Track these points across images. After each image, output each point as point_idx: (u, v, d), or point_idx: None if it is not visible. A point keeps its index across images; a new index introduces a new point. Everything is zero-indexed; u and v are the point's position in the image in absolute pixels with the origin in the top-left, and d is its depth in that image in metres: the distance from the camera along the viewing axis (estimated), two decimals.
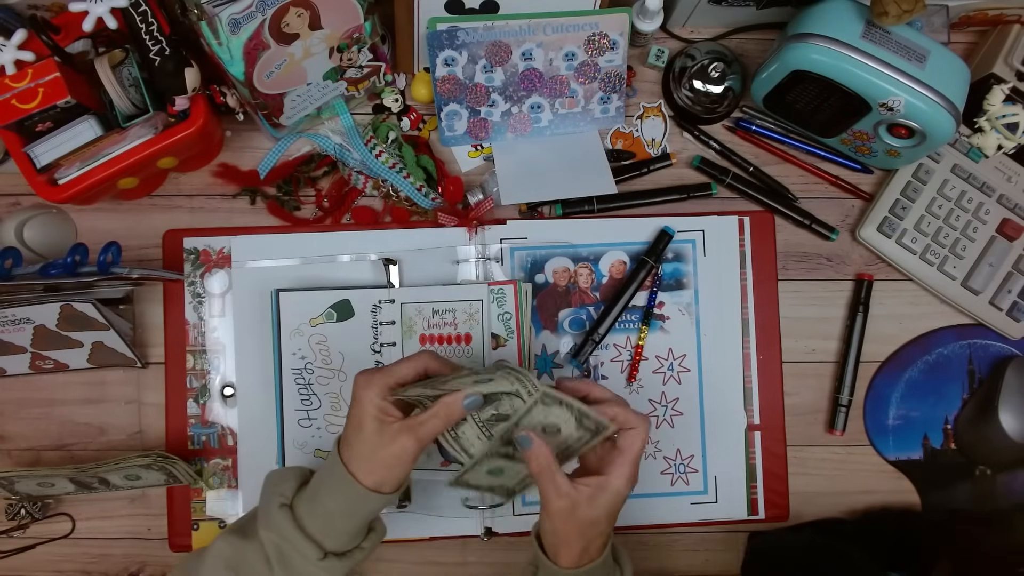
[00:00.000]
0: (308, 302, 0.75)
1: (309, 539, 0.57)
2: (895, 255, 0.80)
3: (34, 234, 0.75)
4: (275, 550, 0.57)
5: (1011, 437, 0.78)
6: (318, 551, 0.57)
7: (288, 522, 0.57)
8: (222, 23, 0.62)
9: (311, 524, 0.57)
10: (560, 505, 0.56)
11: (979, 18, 0.79)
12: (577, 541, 0.57)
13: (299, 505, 0.58)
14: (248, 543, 0.58)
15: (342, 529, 0.58)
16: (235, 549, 0.58)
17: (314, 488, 0.59)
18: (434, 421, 0.56)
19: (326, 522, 0.57)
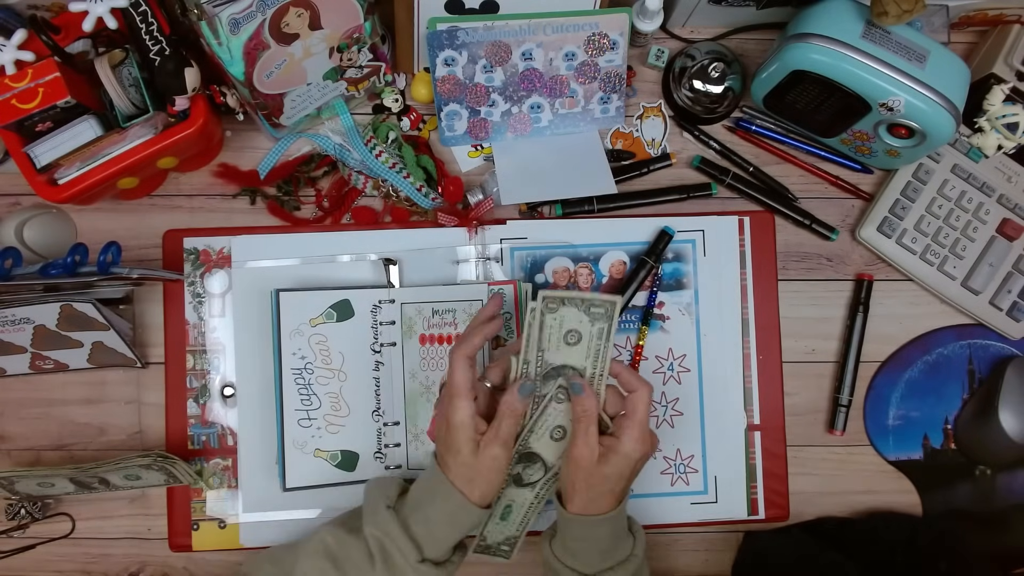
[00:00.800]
0: (308, 302, 0.75)
1: (411, 540, 0.60)
2: (895, 255, 0.80)
3: (34, 234, 0.75)
4: (378, 546, 0.61)
5: (1011, 437, 0.78)
6: (418, 553, 0.60)
7: (394, 522, 0.61)
8: (222, 23, 0.62)
9: (415, 528, 0.61)
10: (580, 453, 0.60)
11: (979, 18, 0.79)
12: (584, 491, 0.61)
13: (403, 509, 0.62)
14: (352, 538, 0.62)
15: (442, 538, 0.61)
16: (339, 542, 0.62)
17: (416, 498, 0.62)
18: (506, 423, 0.60)
19: (428, 529, 0.61)
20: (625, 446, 0.60)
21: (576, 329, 0.62)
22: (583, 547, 0.63)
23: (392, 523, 0.61)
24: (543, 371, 0.63)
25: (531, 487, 0.66)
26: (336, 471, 0.74)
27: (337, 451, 0.74)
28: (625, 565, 0.63)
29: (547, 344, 0.62)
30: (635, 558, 0.64)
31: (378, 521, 0.61)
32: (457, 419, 0.60)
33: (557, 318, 0.62)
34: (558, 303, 0.61)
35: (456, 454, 0.60)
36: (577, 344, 0.62)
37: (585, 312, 0.61)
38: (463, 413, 0.60)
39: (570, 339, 0.62)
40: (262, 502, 0.75)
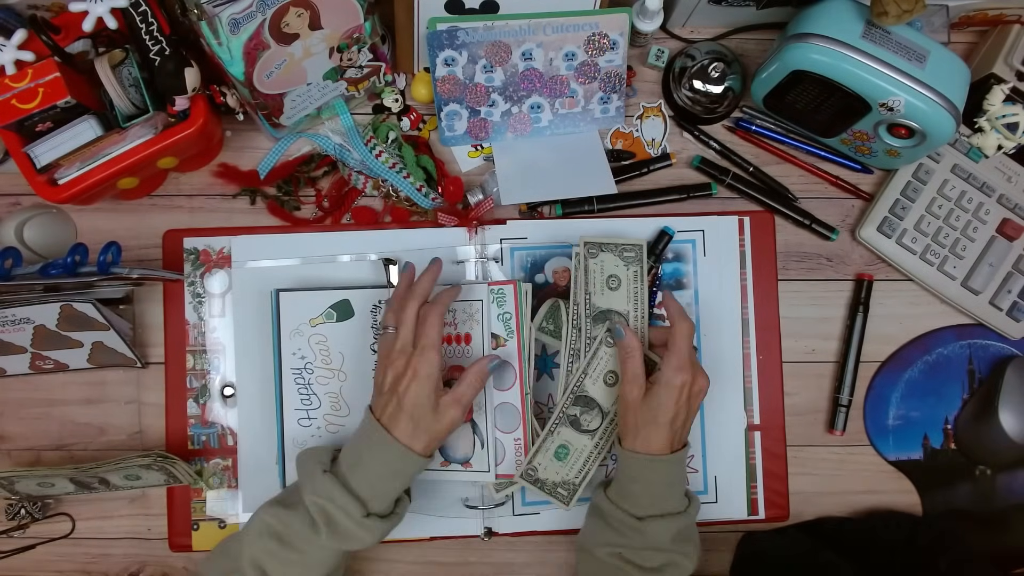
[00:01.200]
0: (308, 302, 0.75)
1: (355, 497, 0.61)
2: (895, 255, 0.80)
3: (34, 234, 0.75)
4: (320, 512, 0.61)
5: (1011, 437, 0.78)
6: (362, 509, 0.61)
7: (334, 484, 0.61)
8: (222, 23, 0.62)
9: (357, 485, 0.62)
10: (627, 389, 0.66)
11: (979, 18, 0.79)
12: (634, 426, 0.65)
13: (339, 471, 0.63)
14: (291, 512, 0.62)
15: (385, 491, 0.62)
16: (279, 519, 0.62)
17: (354, 456, 0.63)
18: (471, 390, 0.65)
19: (371, 484, 0.62)
20: (664, 374, 0.64)
21: (615, 274, 0.71)
22: (636, 488, 0.65)
23: (333, 485, 0.61)
24: (592, 313, 0.71)
25: (590, 435, 0.71)
26: None
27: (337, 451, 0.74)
28: (675, 518, 0.65)
29: (592, 288, 0.72)
30: (686, 516, 0.66)
31: (317, 487, 0.61)
32: (427, 370, 0.62)
33: (598, 263, 0.71)
34: (597, 248, 0.71)
35: (417, 406, 0.62)
36: (618, 289, 0.71)
37: (619, 256, 0.71)
38: (433, 366, 0.63)
39: (611, 284, 0.71)
40: (262, 502, 0.75)
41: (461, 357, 0.75)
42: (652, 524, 0.64)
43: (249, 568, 0.61)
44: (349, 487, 0.61)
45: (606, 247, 0.71)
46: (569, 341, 0.73)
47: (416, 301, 0.66)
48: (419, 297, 0.66)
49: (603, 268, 0.71)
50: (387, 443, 0.62)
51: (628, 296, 0.71)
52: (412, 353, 0.64)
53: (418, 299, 0.66)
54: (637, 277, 0.71)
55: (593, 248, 0.71)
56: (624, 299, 0.71)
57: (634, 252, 0.71)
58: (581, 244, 0.71)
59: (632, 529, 0.65)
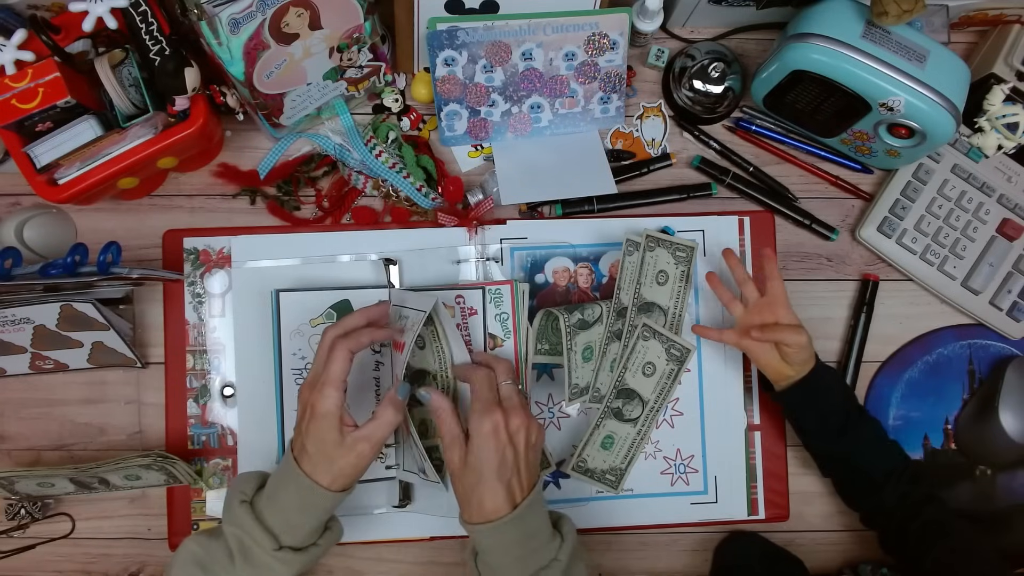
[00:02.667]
0: (308, 302, 0.75)
1: (267, 531, 0.60)
2: (895, 255, 0.80)
3: (34, 234, 0.75)
4: (237, 542, 0.60)
5: (1011, 437, 0.78)
6: (274, 542, 0.60)
7: (247, 516, 0.60)
8: (222, 23, 0.62)
9: (270, 518, 0.61)
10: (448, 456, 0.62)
11: (979, 18, 0.79)
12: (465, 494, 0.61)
13: (258, 502, 0.62)
14: (214, 540, 0.62)
15: (299, 524, 0.61)
16: (203, 547, 0.62)
17: (272, 488, 0.63)
18: (381, 427, 0.61)
19: (284, 518, 0.61)
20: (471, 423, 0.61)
21: (665, 270, 0.74)
22: (496, 559, 0.60)
23: (246, 516, 0.60)
24: (638, 303, 0.74)
25: (632, 423, 0.74)
26: None
27: None
28: (551, 569, 0.60)
29: (644, 279, 0.74)
30: (557, 563, 0.60)
31: (233, 517, 0.61)
32: (325, 407, 0.60)
33: (654, 257, 0.74)
34: (655, 243, 0.74)
35: (318, 442, 0.60)
36: (665, 285, 0.74)
37: (672, 254, 0.74)
38: (331, 402, 0.60)
39: (660, 279, 0.74)
40: None
41: None
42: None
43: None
44: (262, 519, 0.60)
45: (662, 243, 0.74)
46: (608, 323, 0.74)
47: (333, 333, 0.63)
48: (338, 330, 0.63)
49: (656, 263, 0.74)
50: (297, 477, 0.60)
51: (672, 293, 0.75)
52: (311, 398, 0.61)
53: (336, 331, 0.63)
54: (683, 276, 0.75)
55: (652, 242, 0.74)
56: (668, 295, 0.75)
57: (685, 253, 0.75)
58: (643, 237, 0.74)
59: None
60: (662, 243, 0.74)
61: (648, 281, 0.75)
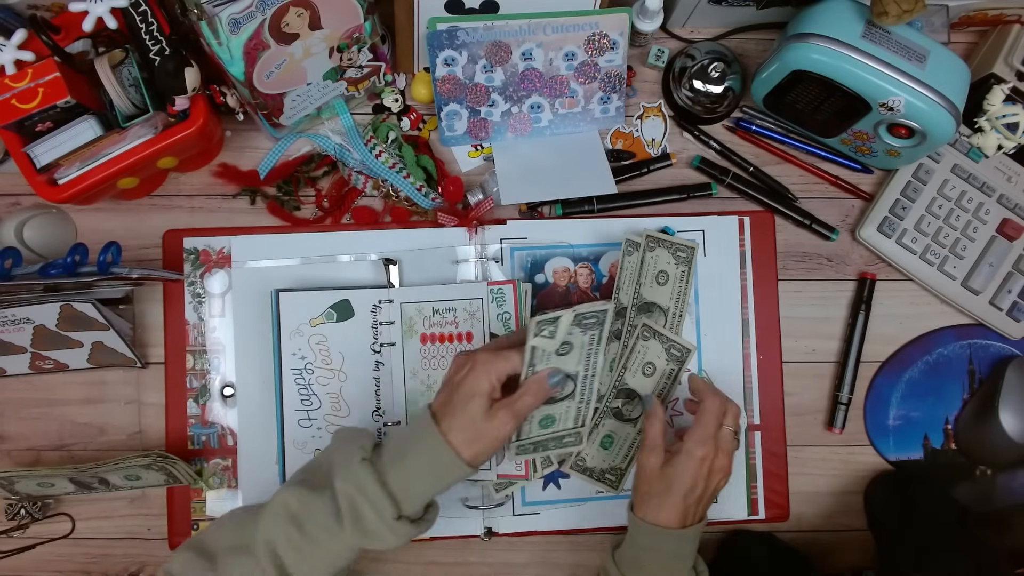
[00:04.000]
0: (308, 302, 0.75)
1: (389, 495, 0.57)
2: (895, 255, 0.80)
3: (34, 234, 0.75)
4: (349, 503, 0.57)
5: (1011, 437, 0.78)
6: (395, 509, 0.57)
7: (370, 476, 0.57)
8: (222, 23, 0.62)
9: (393, 482, 0.58)
10: (645, 459, 0.65)
11: (979, 18, 0.79)
12: (648, 495, 0.64)
13: (379, 462, 0.59)
14: (315, 495, 0.58)
15: (421, 494, 0.59)
16: (301, 501, 0.58)
17: (398, 450, 0.59)
18: (527, 398, 0.62)
19: (407, 483, 0.58)
20: (687, 444, 0.63)
21: (665, 270, 0.74)
22: (648, 558, 0.63)
23: (368, 477, 0.57)
24: (638, 303, 0.74)
25: (633, 423, 0.74)
26: None
27: None
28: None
29: (644, 279, 0.74)
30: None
31: (351, 475, 0.57)
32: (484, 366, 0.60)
33: (654, 257, 0.74)
34: (656, 243, 0.74)
35: (463, 412, 0.59)
36: (665, 285, 0.74)
37: (672, 255, 0.73)
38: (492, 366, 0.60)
39: (660, 279, 0.74)
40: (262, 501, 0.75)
41: None
42: None
43: (262, 550, 0.57)
44: (385, 482, 0.57)
45: (662, 243, 0.74)
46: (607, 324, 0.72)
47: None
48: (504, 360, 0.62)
49: (656, 263, 0.74)
50: (435, 444, 0.58)
51: (672, 293, 0.74)
52: (478, 353, 0.62)
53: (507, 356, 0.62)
54: (684, 277, 0.74)
55: (653, 242, 0.74)
56: (668, 295, 0.74)
57: (686, 253, 0.74)
58: (643, 237, 0.73)
59: None
60: (662, 243, 0.74)
61: (648, 281, 0.74)
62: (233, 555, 0.58)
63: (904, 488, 0.78)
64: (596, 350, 0.67)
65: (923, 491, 0.77)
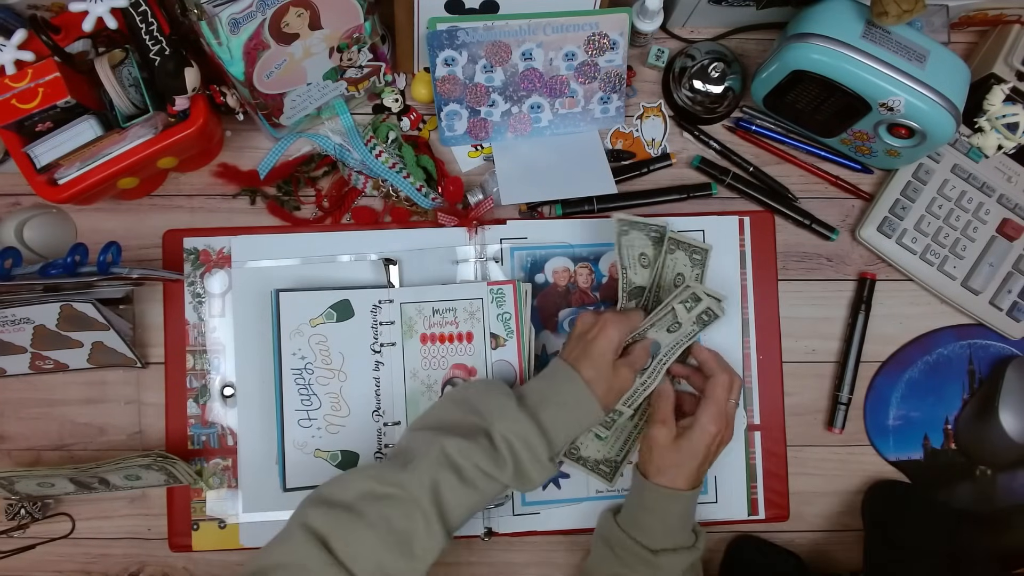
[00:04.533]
0: (308, 302, 0.75)
1: (546, 439, 0.62)
2: (895, 255, 0.80)
3: (34, 234, 0.75)
4: (509, 449, 0.62)
5: (1011, 437, 0.78)
6: (549, 451, 0.63)
7: (529, 422, 0.62)
8: (222, 23, 0.62)
9: (548, 422, 0.63)
10: (657, 432, 0.68)
11: (979, 18, 0.79)
12: (660, 464, 0.68)
13: (528, 405, 0.64)
14: (474, 444, 0.61)
15: (567, 436, 0.65)
16: (460, 450, 0.61)
17: (543, 397, 0.65)
18: (640, 358, 0.70)
19: (557, 424, 0.64)
20: (700, 420, 0.67)
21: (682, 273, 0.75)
22: (652, 520, 0.67)
23: (525, 422, 0.62)
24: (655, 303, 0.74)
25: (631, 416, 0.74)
26: (336, 471, 0.74)
27: (337, 451, 0.74)
28: (685, 553, 0.67)
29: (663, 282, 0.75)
30: (696, 550, 0.68)
31: (509, 421, 0.62)
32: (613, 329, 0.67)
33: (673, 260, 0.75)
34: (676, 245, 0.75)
35: (598, 365, 0.66)
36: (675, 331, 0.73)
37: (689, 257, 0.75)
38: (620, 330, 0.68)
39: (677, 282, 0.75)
40: (262, 502, 0.75)
41: (463, 355, 0.75)
42: (665, 558, 0.66)
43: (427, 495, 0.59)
44: (541, 424, 0.62)
45: (682, 245, 0.75)
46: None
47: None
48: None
49: (675, 266, 0.75)
50: (581, 390, 0.65)
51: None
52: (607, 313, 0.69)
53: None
54: (699, 280, 0.75)
55: (673, 244, 0.74)
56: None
57: (701, 256, 0.75)
58: (666, 239, 0.73)
59: (644, 563, 0.66)
60: (681, 245, 0.75)
61: (668, 285, 0.75)
62: (377, 502, 0.59)
63: (900, 495, 0.78)
64: (683, 344, 0.72)
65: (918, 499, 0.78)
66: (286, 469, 0.74)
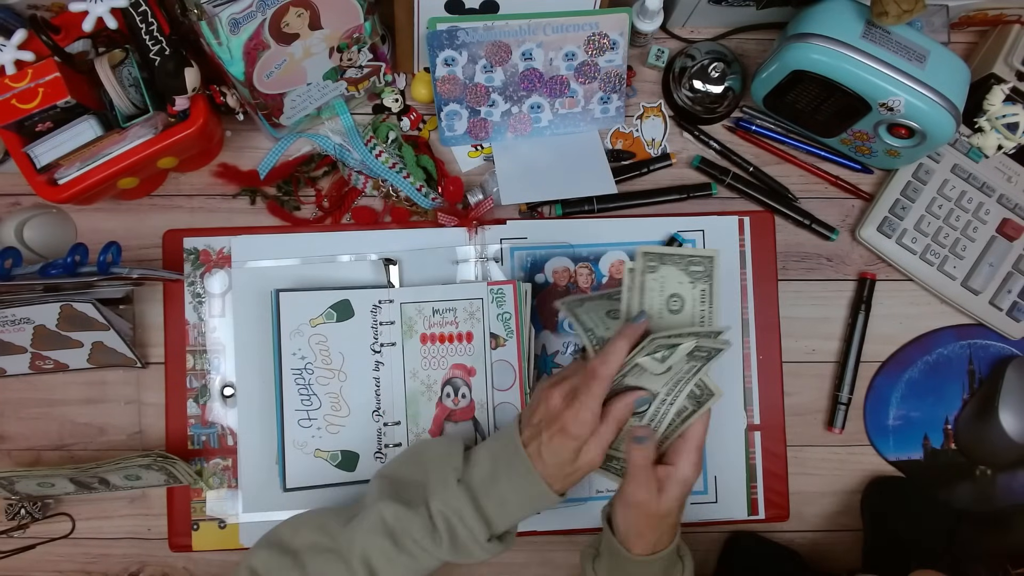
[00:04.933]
0: (308, 302, 0.75)
1: (483, 520, 0.59)
2: (895, 255, 0.80)
3: (34, 234, 0.75)
4: (446, 525, 0.59)
5: (1011, 437, 0.78)
6: (487, 532, 0.59)
7: (466, 500, 0.59)
8: (222, 23, 0.62)
9: (487, 505, 0.59)
10: (639, 497, 0.59)
11: (979, 18, 0.79)
12: (652, 532, 0.60)
13: (473, 484, 0.60)
14: (411, 512, 0.59)
15: (512, 516, 0.60)
16: (397, 518, 0.60)
17: (490, 473, 0.60)
18: (612, 426, 0.59)
19: (500, 507, 0.60)
20: (683, 470, 0.60)
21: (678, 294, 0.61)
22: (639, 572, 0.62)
23: (464, 500, 0.59)
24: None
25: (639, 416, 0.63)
26: (336, 471, 0.74)
27: (337, 451, 0.74)
28: None
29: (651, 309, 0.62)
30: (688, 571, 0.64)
31: (447, 497, 0.59)
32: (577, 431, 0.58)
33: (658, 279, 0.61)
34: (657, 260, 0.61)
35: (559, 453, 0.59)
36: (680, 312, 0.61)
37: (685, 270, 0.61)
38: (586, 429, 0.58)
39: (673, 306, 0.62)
40: (262, 502, 0.75)
41: (463, 355, 0.75)
42: None
43: (358, 560, 0.59)
44: (480, 507, 0.59)
45: (669, 259, 0.60)
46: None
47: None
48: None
49: (664, 286, 0.61)
50: (528, 474, 0.59)
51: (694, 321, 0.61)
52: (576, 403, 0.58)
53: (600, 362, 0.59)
54: (705, 297, 0.61)
55: (654, 260, 0.60)
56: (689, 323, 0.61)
57: (703, 265, 0.61)
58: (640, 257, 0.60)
59: None
60: (668, 259, 0.60)
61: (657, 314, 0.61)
62: (320, 555, 0.60)
63: (899, 488, 0.78)
64: (689, 380, 0.60)
65: (918, 496, 0.78)
66: (286, 469, 0.74)
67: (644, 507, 0.60)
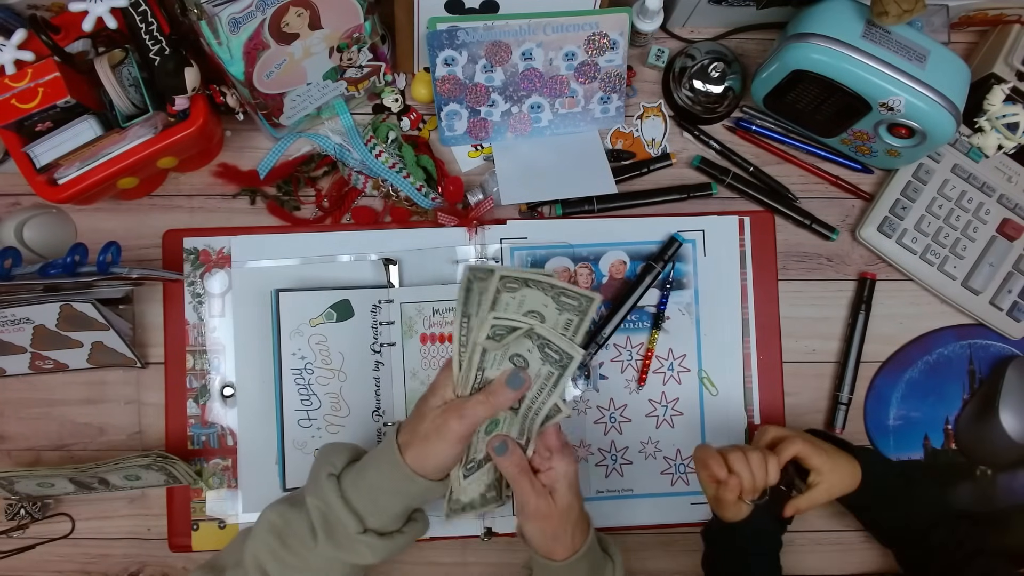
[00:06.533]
0: (308, 302, 0.75)
1: (351, 511, 0.58)
2: (895, 255, 0.80)
3: (34, 234, 0.75)
4: (320, 518, 0.59)
5: (1011, 437, 0.78)
6: (358, 524, 0.58)
7: (333, 491, 0.59)
8: (222, 23, 0.62)
9: (355, 497, 0.59)
10: (539, 503, 0.60)
11: (979, 18, 0.79)
12: (564, 531, 0.61)
13: (346, 477, 0.60)
14: (295, 511, 0.60)
15: (384, 507, 0.59)
16: (282, 518, 0.60)
17: (363, 463, 0.61)
18: (480, 406, 0.58)
19: (370, 499, 0.59)
20: (560, 468, 0.61)
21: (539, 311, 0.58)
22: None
23: (331, 492, 0.58)
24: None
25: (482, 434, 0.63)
26: None
27: None
28: None
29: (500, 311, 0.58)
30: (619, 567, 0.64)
31: (319, 491, 0.59)
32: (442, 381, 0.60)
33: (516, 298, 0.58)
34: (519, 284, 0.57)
35: (420, 420, 0.59)
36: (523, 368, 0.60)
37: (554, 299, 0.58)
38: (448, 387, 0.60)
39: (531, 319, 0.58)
40: (262, 502, 0.74)
41: None
42: None
43: (251, 564, 0.59)
44: (347, 497, 0.59)
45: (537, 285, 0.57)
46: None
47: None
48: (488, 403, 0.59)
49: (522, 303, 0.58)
50: (391, 456, 0.59)
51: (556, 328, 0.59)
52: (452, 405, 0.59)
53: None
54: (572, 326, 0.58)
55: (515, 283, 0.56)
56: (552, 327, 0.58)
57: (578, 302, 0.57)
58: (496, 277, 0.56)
59: None
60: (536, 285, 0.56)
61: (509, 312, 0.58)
62: (234, 570, 0.60)
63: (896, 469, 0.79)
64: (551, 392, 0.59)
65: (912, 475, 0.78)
66: (286, 469, 0.74)
67: (544, 512, 0.60)
